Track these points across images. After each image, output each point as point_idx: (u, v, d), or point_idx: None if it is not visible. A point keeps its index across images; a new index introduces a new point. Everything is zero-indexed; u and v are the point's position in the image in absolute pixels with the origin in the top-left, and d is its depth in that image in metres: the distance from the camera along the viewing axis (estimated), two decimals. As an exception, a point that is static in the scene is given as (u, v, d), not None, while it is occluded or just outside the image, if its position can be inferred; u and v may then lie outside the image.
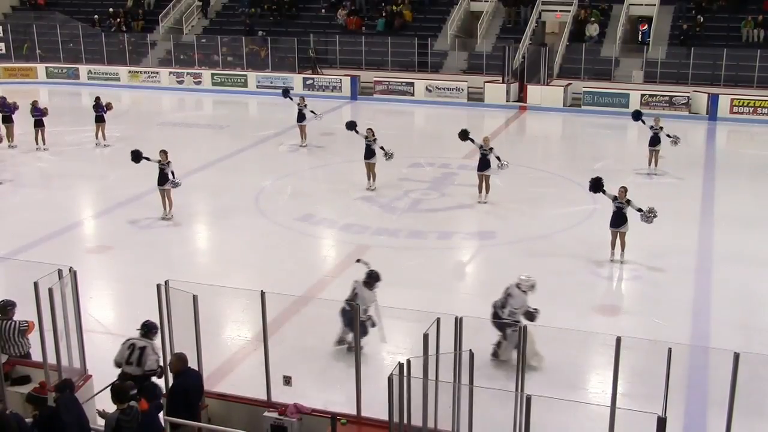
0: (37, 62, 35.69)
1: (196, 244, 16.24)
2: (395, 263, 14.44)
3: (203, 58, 34.60)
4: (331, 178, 20.27)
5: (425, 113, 30.04)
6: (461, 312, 7.42)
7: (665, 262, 14.22)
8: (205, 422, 7.91)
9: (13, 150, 22.47)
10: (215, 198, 18.68)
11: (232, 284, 11.52)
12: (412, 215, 17.17)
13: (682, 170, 20.55)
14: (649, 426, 5.85)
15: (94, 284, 13.07)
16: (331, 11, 35.10)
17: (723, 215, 16.85)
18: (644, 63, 29.75)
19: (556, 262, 14.24)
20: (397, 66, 32.27)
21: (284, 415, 7.66)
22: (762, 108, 26.86)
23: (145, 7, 37.93)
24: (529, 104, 29.32)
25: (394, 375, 6.50)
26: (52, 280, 8.06)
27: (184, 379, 7.74)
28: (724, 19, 30.48)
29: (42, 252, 13.88)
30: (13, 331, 9.06)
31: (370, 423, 7.65)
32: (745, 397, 9.37)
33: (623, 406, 6.80)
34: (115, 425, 7.02)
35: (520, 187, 19.26)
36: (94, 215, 17.55)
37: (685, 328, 11.75)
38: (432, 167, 21.09)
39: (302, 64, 33.19)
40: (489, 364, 10.09)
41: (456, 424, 7.09)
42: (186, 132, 26.40)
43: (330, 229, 16.37)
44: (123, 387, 7.16)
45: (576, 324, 10.75)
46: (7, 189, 19.26)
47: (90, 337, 9.30)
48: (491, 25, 33.13)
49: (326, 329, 10.77)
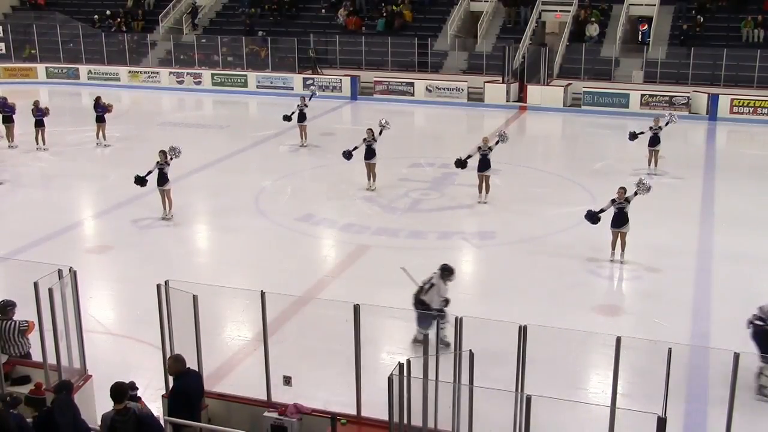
0: (37, 62, 35.70)
1: (196, 244, 16.24)
2: (395, 263, 14.43)
3: (203, 58, 34.60)
4: (331, 178, 20.27)
5: (425, 113, 30.04)
6: (461, 312, 7.42)
7: (665, 262, 14.22)
8: (205, 422, 7.90)
9: (13, 150, 22.47)
10: (215, 198, 18.68)
11: (232, 284, 11.51)
12: (412, 215, 17.17)
13: (682, 170, 20.56)
14: (649, 426, 5.85)
15: (94, 284, 13.07)
16: (331, 11, 35.10)
17: (723, 215, 16.85)
18: (644, 63, 29.74)
19: (556, 262, 14.24)
20: (397, 66, 32.27)
21: (284, 415, 7.65)
22: (762, 108, 26.85)
23: (145, 7, 37.92)
24: (529, 104, 29.32)
25: (394, 375, 6.50)
26: (52, 281, 8.06)
27: (185, 380, 7.73)
28: (724, 19, 30.48)
29: (42, 252, 13.88)
30: (13, 331, 9.06)
31: (370, 423, 7.65)
32: (745, 397, 9.40)
33: (623, 406, 6.80)
34: (109, 424, 7.01)
35: (520, 187, 19.28)
36: (94, 215, 17.55)
37: (685, 328, 11.76)
38: (432, 167, 21.10)
39: (302, 64, 33.18)
40: (489, 364, 10.09)
41: (456, 424, 7.09)
42: (186, 132, 26.36)
43: (330, 229, 16.37)
44: (120, 386, 7.14)
45: (576, 324, 10.74)
46: (7, 189, 19.27)
47: (90, 337, 9.30)
48: (491, 25, 33.13)
49: (326, 329, 10.76)
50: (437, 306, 10.39)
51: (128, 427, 6.97)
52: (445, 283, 10.66)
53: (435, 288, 10.51)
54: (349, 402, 7.84)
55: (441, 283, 10.60)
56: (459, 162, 18.02)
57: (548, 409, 7.00)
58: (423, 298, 10.51)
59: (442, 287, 10.58)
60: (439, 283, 10.58)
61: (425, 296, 10.52)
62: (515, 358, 7.21)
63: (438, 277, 10.63)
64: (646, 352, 9.96)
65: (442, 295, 10.53)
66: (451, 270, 10.73)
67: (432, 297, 10.48)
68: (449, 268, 10.73)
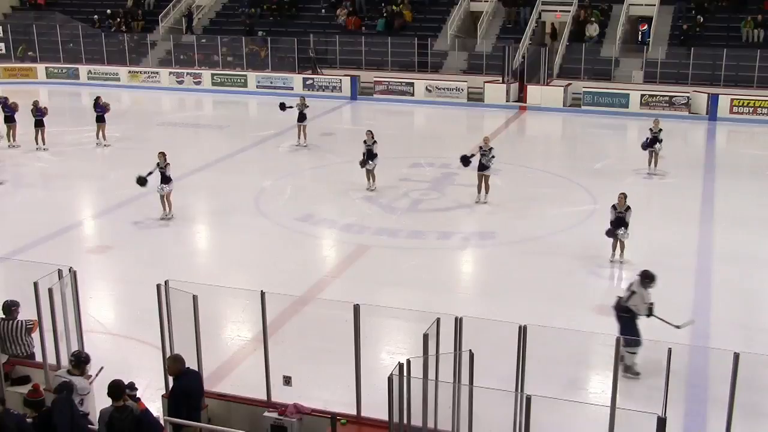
0: (37, 62, 35.70)
1: (196, 244, 16.25)
2: (395, 263, 14.47)
3: (203, 58, 34.60)
4: (331, 178, 20.27)
5: (425, 113, 30.04)
6: (461, 312, 7.42)
7: (665, 262, 14.18)
8: (205, 422, 7.90)
9: (13, 150, 22.47)
10: (215, 198, 18.68)
11: (232, 284, 11.53)
12: (412, 215, 17.18)
13: (682, 170, 20.56)
14: (649, 426, 5.85)
15: (94, 284, 13.07)
16: (331, 11, 35.10)
17: (723, 215, 16.85)
18: (644, 63, 29.74)
19: (556, 262, 14.24)
20: (397, 66, 32.27)
21: (284, 415, 7.65)
22: (762, 108, 26.85)
23: (145, 7, 37.93)
24: (529, 104, 29.31)
25: (394, 375, 6.50)
26: (52, 280, 8.05)
27: (185, 380, 7.73)
28: (724, 19, 30.48)
29: (42, 252, 13.88)
30: (19, 330, 9.06)
31: (370, 423, 7.65)
32: (745, 397, 9.41)
33: (623, 406, 6.79)
34: (108, 420, 7.02)
35: (520, 187, 19.28)
36: (94, 215, 17.55)
37: (685, 328, 11.74)
38: (432, 167, 21.10)
39: (302, 64, 33.18)
40: (489, 364, 10.10)
41: (456, 424, 7.09)
42: (186, 132, 26.41)
43: (330, 229, 16.37)
44: (117, 384, 7.15)
45: (576, 324, 10.75)
46: (7, 189, 19.27)
47: (90, 337, 9.29)
48: (491, 25, 33.13)
49: (326, 329, 10.76)
50: (643, 313, 10.31)
51: (126, 424, 6.98)
52: (646, 290, 10.48)
53: (638, 295, 10.37)
54: (349, 402, 7.83)
55: (642, 290, 10.43)
56: (464, 158, 18.02)
57: (548, 409, 7.00)
58: (627, 305, 10.38)
59: (645, 294, 10.42)
60: (640, 290, 10.41)
61: (629, 302, 10.40)
62: (515, 359, 7.21)
63: (638, 284, 10.47)
64: (646, 352, 9.99)
65: (646, 302, 10.37)
66: (651, 276, 10.51)
67: (637, 304, 10.34)
68: (650, 275, 10.51)
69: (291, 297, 11.45)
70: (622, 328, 10.30)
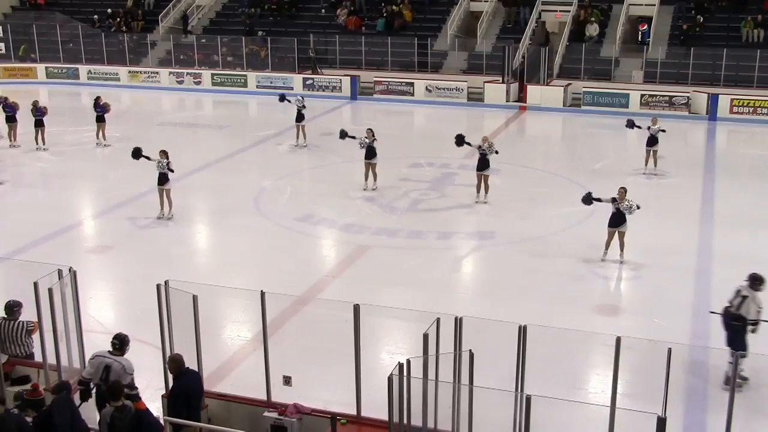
0: (37, 62, 35.70)
1: (196, 244, 16.24)
2: (395, 263, 14.46)
3: (203, 58, 34.60)
4: (331, 178, 20.27)
5: (425, 113, 30.04)
6: (461, 312, 7.42)
7: (665, 262, 14.21)
8: (205, 422, 7.90)
9: (13, 150, 22.47)
10: (215, 198, 18.69)
11: (232, 284, 11.52)
12: (412, 215, 17.18)
13: (682, 170, 20.56)
14: (649, 426, 5.85)
15: (94, 284, 13.07)
16: (331, 11, 35.10)
17: (723, 215, 16.85)
18: (644, 63, 29.73)
19: (556, 262, 14.24)
20: (397, 66, 32.27)
21: (284, 415, 7.65)
22: (762, 108, 26.85)
23: (145, 7, 37.93)
24: (529, 104, 29.31)
25: (394, 375, 6.50)
26: (52, 281, 8.05)
27: (184, 380, 7.73)
28: (724, 19, 30.47)
29: (42, 252, 13.88)
30: (20, 331, 9.07)
31: (370, 423, 7.65)
32: (745, 397, 9.41)
33: (623, 406, 6.80)
34: (109, 421, 7.02)
35: (520, 187, 19.28)
36: (94, 215, 17.55)
37: (685, 328, 11.75)
38: (432, 167, 21.09)
39: (302, 64, 33.19)
40: (489, 364, 10.10)
41: (456, 424, 7.10)
42: (186, 132, 26.40)
43: (330, 229, 16.37)
44: (116, 384, 7.15)
45: (576, 324, 10.75)
46: (7, 189, 19.26)
47: (90, 337, 9.29)
48: (491, 25, 33.12)
49: (326, 329, 10.77)
50: (754, 317, 9.87)
51: (126, 424, 6.98)
52: (757, 292, 10.07)
53: (749, 299, 9.96)
54: (349, 402, 7.84)
55: (753, 293, 10.03)
56: (459, 137, 17.87)
57: (548, 409, 7.00)
58: (739, 313, 9.90)
59: (756, 297, 10.01)
60: (751, 294, 10.02)
61: (741, 310, 9.94)
62: (515, 359, 7.21)
63: (748, 288, 10.08)
64: (646, 352, 9.97)
65: (759, 305, 9.96)
66: (762, 279, 10.09)
67: (749, 309, 9.92)
68: (760, 277, 10.09)
69: (291, 297, 11.46)
70: (731, 337, 9.79)
